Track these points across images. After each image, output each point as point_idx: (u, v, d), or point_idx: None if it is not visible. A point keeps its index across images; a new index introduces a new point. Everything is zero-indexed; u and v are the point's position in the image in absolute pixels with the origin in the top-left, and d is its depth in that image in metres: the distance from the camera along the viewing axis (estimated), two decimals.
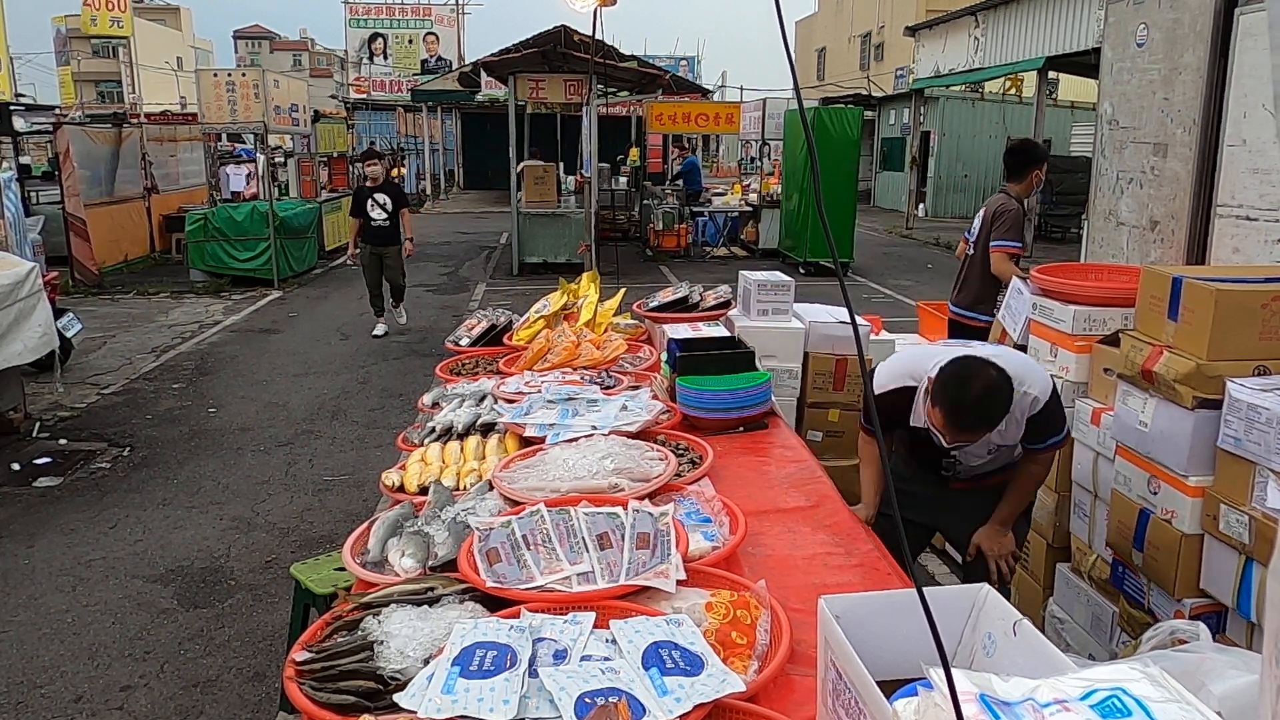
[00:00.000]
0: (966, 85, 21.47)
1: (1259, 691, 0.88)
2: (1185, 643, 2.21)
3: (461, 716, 1.45)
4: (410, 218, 9.56)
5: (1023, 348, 3.76)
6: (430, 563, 2.04)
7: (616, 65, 14.48)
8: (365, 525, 2.32)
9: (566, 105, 15.88)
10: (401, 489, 2.64)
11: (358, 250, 9.43)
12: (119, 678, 3.63)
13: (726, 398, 3.16)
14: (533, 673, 1.56)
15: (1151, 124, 4.09)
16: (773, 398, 3.35)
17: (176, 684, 3.58)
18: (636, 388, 3.33)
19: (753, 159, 22.27)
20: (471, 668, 1.56)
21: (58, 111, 25.25)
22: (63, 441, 6.38)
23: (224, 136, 22.88)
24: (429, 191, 27.66)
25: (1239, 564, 2.59)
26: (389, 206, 9.19)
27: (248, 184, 17.96)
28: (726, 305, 4.47)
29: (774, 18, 1.18)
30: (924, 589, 1.09)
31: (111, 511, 5.20)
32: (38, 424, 6.65)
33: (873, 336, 4.92)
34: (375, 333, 9.55)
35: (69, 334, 7.55)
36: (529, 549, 1.98)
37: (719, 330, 3.99)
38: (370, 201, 9.13)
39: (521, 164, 14.46)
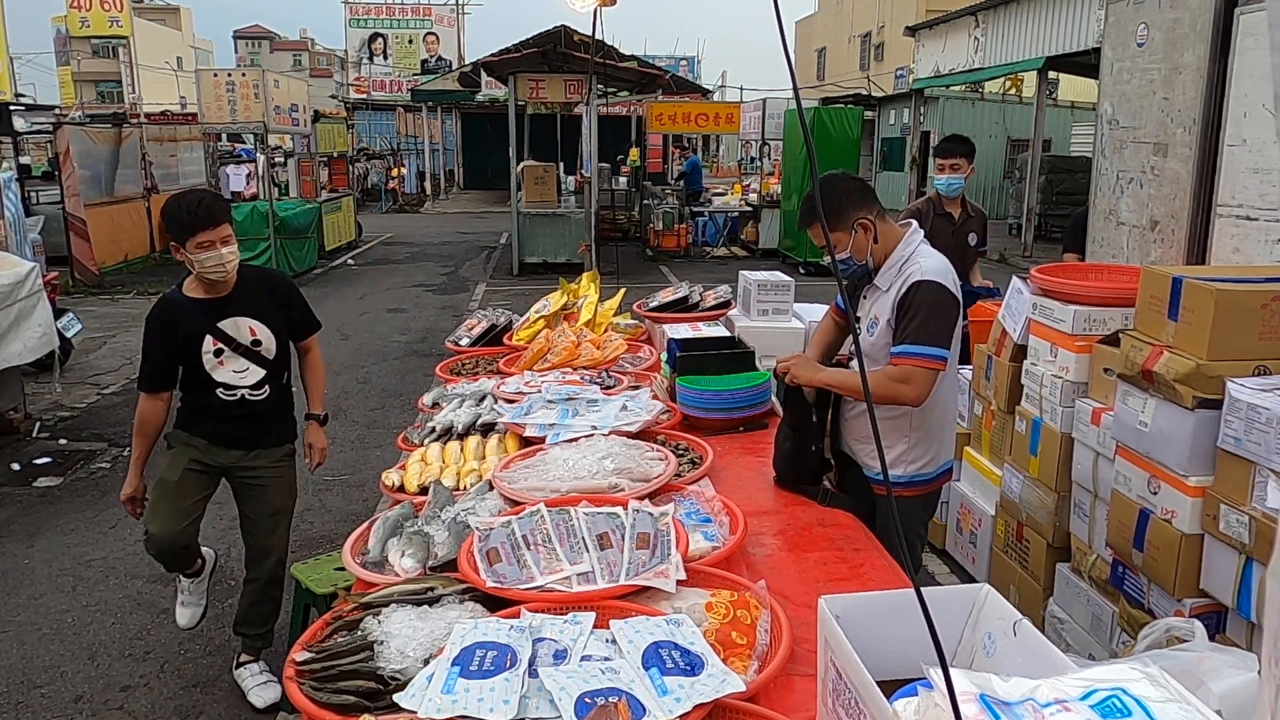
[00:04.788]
0: (966, 85, 21.47)
1: (1258, 691, 0.88)
2: (1182, 641, 2.21)
3: (461, 716, 1.46)
4: (320, 360, 3.64)
5: (1023, 348, 3.76)
6: (430, 563, 2.05)
7: (616, 65, 14.49)
8: (365, 525, 2.32)
9: (566, 105, 15.90)
10: (401, 489, 2.64)
11: (142, 483, 3.35)
12: (119, 678, 3.63)
13: (726, 398, 3.16)
14: (533, 673, 1.56)
15: (1151, 124, 4.09)
16: (773, 398, 3.35)
17: (176, 684, 3.58)
18: (636, 388, 3.33)
19: (753, 159, 22.30)
20: (471, 668, 1.56)
21: (58, 111, 25.25)
22: (63, 441, 6.38)
23: (224, 136, 22.92)
24: (429, 191, 27.69)
25: (1239, 564, 2.59)
26: (269, 346, 3.30)
27: (248, 184, 17.98)
28: (726, 305, 4.47)
29: (774, 18, 1.18)
30: (924, 589, 1.09)
31: (111, 511, 5.20)
32: (38, 424, 6.65)
33: None
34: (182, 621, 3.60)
35: (69, 334, 7.55)
36: (529, 549, 1.98)
37: (719, 330, 3.99)
38: (209, 343, 3.21)
39: (521, 164, 14.47)
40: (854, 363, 2.89)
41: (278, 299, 3.37)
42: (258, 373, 3.29)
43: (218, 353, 3.22)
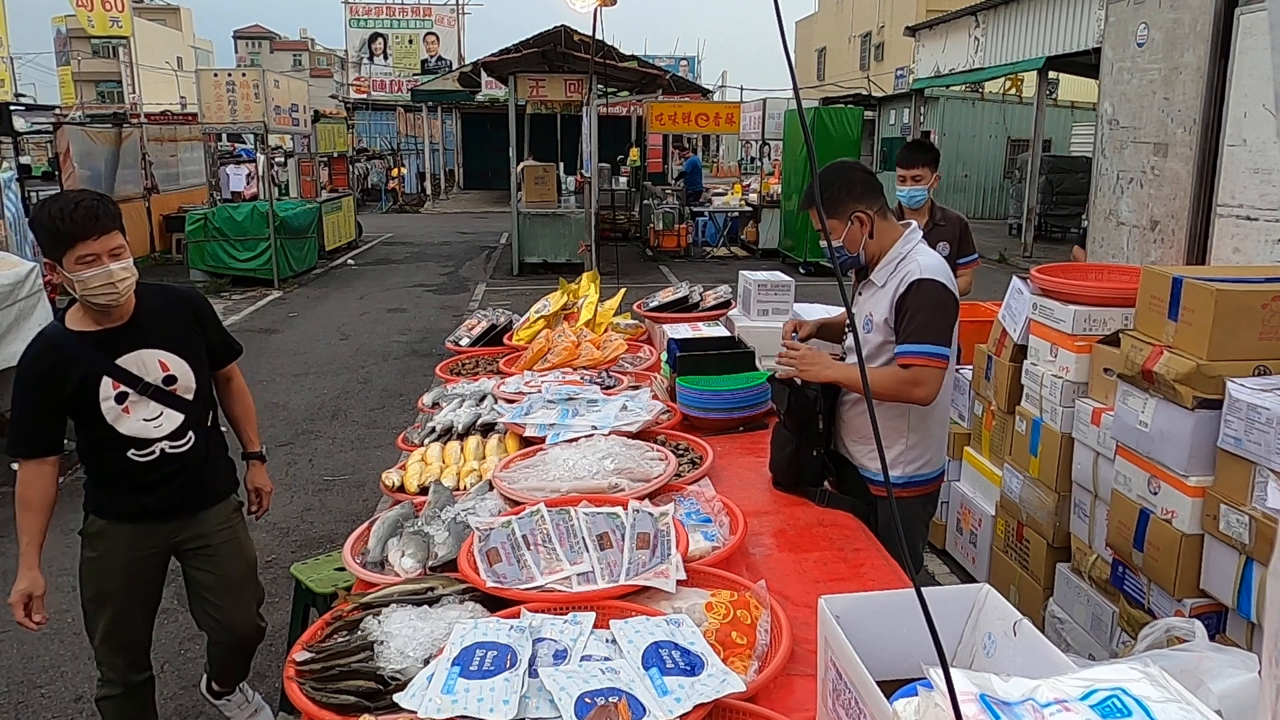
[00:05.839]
0: (966, 85, 21.47)
1: (1259, 691, 0.88)
2: (1182, 640, 2.21)
3: (461, 716, 1.46)
4: (245, 388, 3.08)
5: (1023, 348, 3.76)
6: (430, 563, 2.05)
7: (616, 65, 14.50)
8: (365, 525, 2.32)
9: (566, 105, 15.90)
10: (401, 489, 2.64)
11: (40, 575, 2.51)
12: None
13: (727, 398, 3.16)
14: (533, 673, 1.56)
15: (1152, 124, 4.09)
16: (770, 400, 3.34)
17: (176, 684, 3.58)
18: (636, 388, 3.33)
19: (753, 159, 22.32)
20: (471, 668, 1.56)
21: (58, 111, 25.24)
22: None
23: (224, 136, 22.92)
24: (429, 191, 27.70)
25: (1239, 564, 2.59)
26: (186, 382, 2.62)
27: (248, 184, 17.98)
28: (726, 305, 4.47)
29: (774, 18, 1.18)
30: (924, 589, 1.09)
31: None
32: None
33: None
34: None
35: None
36: (529, 549, 1.98)
37: (719, 330, 3.99)
38: (107, 387, 2.48)
39: (521, 164, 14.48)
40: (850, 358, 2.90)
41: (192, 321, 2.68)
42: (175, 418, 2.58)
43: (120, 397, 2.49)
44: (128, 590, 2.64)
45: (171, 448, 2.59)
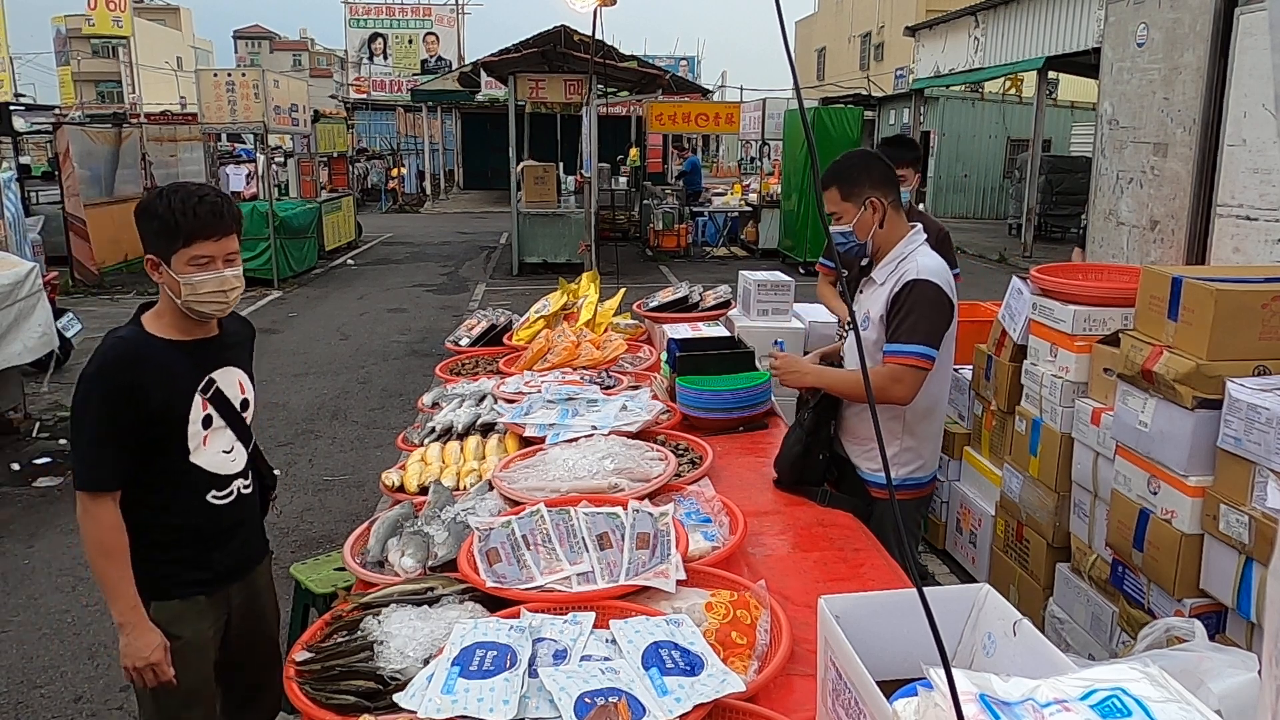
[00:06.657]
0: (966, 85, 21.47)
1: (1259, 691, 0.88)
2: (1181, 640, 2.21)
3: (461, 716, 1.46)
4: None
5: (1023, 348, 3.76)
6: (430, 563, 2.04)
7: (616, 65, 14.50)
8: (365, 525, 2.32)
9: (566, 105, 15.90)
10: (401, 489, 2.64)
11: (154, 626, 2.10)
12: (119, 678, 3.62)
13: (727, 398, 3.16)
14: (533, 673, 1.56)
15: (1151, 124, 4.09)
16: (773, 398, 3.35)
17: None
18: (636, 388, 3.33)
19: (752, 159, 22.32)
20: (471, 668, 1.56)
21: (58, 111, 25.27)
22: (62, 441, 6.37)
23: (224, 136, 22.92)
24: (429, 191, 27.70)
25: (1239, 564, 2.59)
26: (252, 412, 2.32)
27: (248, 184, 17.98)
28: (726, 305, 4.47)
29: (774, 18, 1.18)
30: (924, 589, 1.09)
31: None
32: (38, 424, 6.64)
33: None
34: None
35: (69, 334, 7.55)
36: (529, 549, 1.98)
37: (719, 330, 3.98)
38: (197, 406, 2.14)
39: (521, 164, 14.48)
40: (846, 359, 2.90)
41: (251, 347, 2.41)
42: (242, 453, 2.26)
43: (206, 421, 2.14)
44: (210, 687, 2.26)
45: (244, 488, 2.26)
